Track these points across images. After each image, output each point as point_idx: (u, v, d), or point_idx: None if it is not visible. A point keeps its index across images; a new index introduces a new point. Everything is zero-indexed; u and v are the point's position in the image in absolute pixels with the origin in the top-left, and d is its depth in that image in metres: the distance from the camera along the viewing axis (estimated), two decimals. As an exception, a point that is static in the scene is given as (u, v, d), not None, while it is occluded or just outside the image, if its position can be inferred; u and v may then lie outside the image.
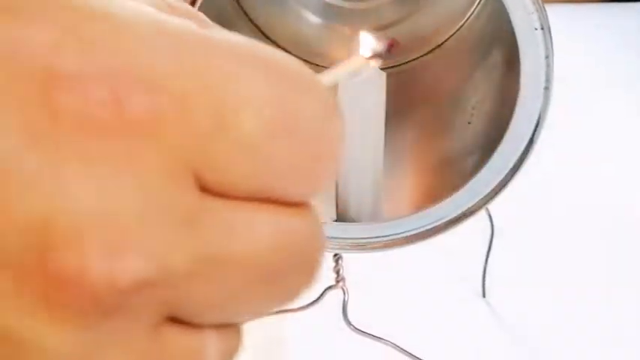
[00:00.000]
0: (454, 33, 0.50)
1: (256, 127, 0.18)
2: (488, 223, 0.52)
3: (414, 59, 0.50)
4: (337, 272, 0.40)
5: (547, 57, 0.34)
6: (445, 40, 0.50)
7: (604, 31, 0.91)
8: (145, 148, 0.17)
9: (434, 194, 0.39)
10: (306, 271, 0.20)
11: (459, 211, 0.38)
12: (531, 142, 0.36)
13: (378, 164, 0.39)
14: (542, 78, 0.34)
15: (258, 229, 0.19)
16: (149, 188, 0.17)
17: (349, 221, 0.39)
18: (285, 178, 0.19)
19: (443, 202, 0.38)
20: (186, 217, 0.17)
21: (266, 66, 0.19)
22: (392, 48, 0.39)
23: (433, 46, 0.50)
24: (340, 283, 0.40)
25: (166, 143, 0.17)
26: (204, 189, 0.18)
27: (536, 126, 0.35)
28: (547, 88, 0.35)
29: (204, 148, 0.17)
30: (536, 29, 0.34)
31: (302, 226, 0.20)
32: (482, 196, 0.37)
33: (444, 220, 0.38)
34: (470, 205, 0.38)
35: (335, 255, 0.40)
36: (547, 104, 0.35)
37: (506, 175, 0.37)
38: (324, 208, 0.40)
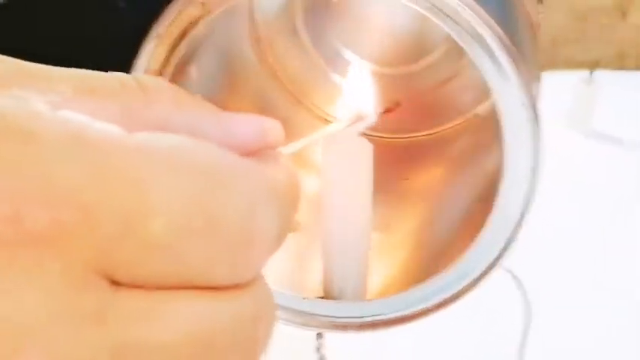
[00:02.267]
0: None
1: (165, 228, 0.18)
2: (523, 305, 0.49)
3: (447, 128, 0.48)
4: (318, 350, 0.38)
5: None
6: (480, 109, 0.48)
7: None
8: (46, 257, 0.18)
9: (427, 272, 0.37)
10: (244, 354, 0.20)
11: (449, 293, 0.36)
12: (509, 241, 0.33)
13: (364, 239, 0.37)
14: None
15: (175, 318, 0.19)
16: (50, 292, 0.18)
17: (333, 298, 0.37)
18: (206, 271, 0.19)
19: (431, 282, 0.36)
20: (95, 313, 0.18)
21: (183, 167, 0.19)
22: (390, 113, 0.38)
23: (468, 115, 0.48)
24: (322, 364, 0.38)
25: (68, 251, 0.18)
26: (118, 283, 0.19)
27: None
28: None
29: (110, 251, 0.18)
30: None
31: (231, 309, 0.20)
32: (469, 280, 0.35)
33: (432, 302, 0.36)
34: (458, 288, 0.35)
35: (318, 334, 0.38)
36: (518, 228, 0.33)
37: (493, 260, 0.34)
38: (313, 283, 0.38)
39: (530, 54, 0.42)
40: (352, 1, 0.45)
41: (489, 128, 0.48)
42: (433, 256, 0.37)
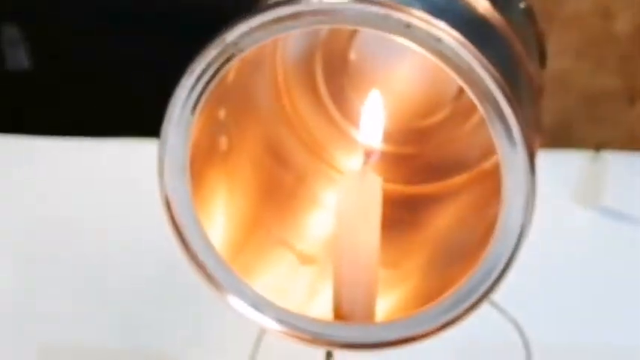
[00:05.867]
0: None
1: None
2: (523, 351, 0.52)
3: (454, 180, 0.51)
4: (328, 366, 0.40)
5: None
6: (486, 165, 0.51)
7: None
8: None
9: (428, 302, 0.40)
10: None
11: (448, 317, 0.39)
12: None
13: (372, 266, 0.40)
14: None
15: None
16: None
17: (342, 320, 0.40)
18: None
19: (431, 308, 0.39)
20: None
21: None
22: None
23: (474, 169, 0.51)
24: (332, 381, 0.41)
25: None
26: None
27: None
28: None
29: None
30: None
31: None
32: (465, 307, 0.38)
33: (433, 325, 0.39)
34: (456, 313, 0.38)
35: (327, 353, 0.41)
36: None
37: (484, 292, 0.38)
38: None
39: (532, 116, 0.46)
40: (368, 60, 0.49)
41: (493, 182, 0.51)
42: (435, 289, 0.41)
